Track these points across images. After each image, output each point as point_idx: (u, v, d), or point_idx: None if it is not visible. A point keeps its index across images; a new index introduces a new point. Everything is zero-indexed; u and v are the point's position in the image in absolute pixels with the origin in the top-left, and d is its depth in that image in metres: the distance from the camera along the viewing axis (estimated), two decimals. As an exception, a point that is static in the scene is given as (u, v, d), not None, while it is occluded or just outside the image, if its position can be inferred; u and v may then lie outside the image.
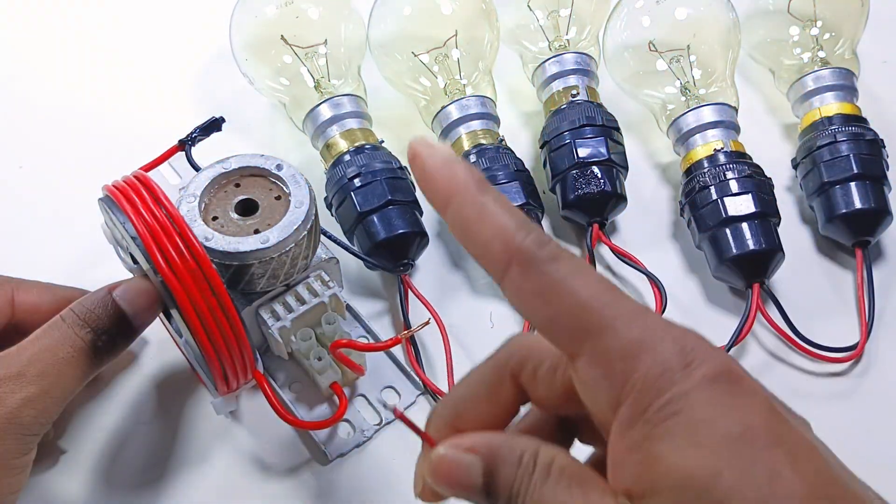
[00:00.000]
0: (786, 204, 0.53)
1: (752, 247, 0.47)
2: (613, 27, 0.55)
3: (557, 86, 0.54)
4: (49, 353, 0.36)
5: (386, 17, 0.55)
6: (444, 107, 0.52)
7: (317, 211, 0.41)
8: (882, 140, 0.50)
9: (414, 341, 0.47)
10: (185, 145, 0.47)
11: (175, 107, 0.59)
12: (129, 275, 0.42)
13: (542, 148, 0.52)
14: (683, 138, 0.51)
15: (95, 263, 0.50)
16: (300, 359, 0.44)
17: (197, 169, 0.46)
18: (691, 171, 0.50)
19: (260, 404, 0.44)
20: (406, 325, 0.47)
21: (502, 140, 0.52)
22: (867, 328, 0.47)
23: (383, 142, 0.52)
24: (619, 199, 0.50)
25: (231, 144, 0.48)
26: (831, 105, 0.52)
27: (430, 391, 0.45)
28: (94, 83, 0.61)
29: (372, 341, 0.47)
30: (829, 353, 0.47)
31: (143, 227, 0.36)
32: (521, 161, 0.51)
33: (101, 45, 0.63)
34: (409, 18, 0.55)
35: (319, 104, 0.52)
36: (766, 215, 0.48)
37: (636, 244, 0.51)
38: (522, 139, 0.57)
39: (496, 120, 0.53)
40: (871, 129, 0.51)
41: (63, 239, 0.51)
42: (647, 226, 0.53)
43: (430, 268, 0.51)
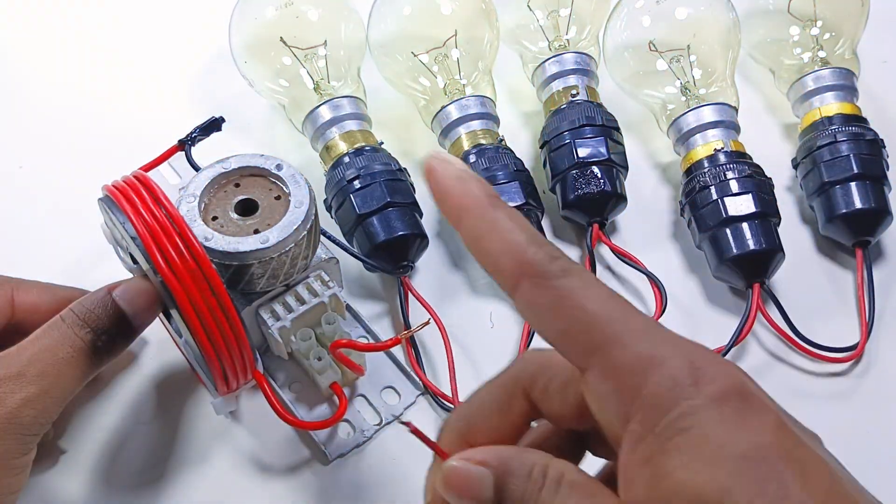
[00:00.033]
0: (786, 204, 0.53)
1: (752, 247, 0.47)
2: (613, 27, 0.55)
3: (557, 86, 0.54)
4: (49, 353, 0.36)
5: (385, 17, 0.55)
6: (443, 107, 0.52)
7: (317, 211, 0.41)
8: (882, 140, 0.50)
9: (414, 342, 0.47)
10: (184, 145, 0.47)
11: (175, 107, 0.59)
12: (129, 275, 0.42)
13: (541, 148, 0.52)
14: (683, 138, 0.51)
15: (95, 263, 0.50)
16: (300, 359, 0.44)
17: (197, 169, 0.46)
18: (691, 171, 0.50)
19: (260, 404, 0.44)
20: (406, 327, 0.47)
21: (502, 140, 0.52)
22: (867, 328, 0.47)
23: (383, 143, 0.52)
24: (619, 199, 0.50)
25: (231, 144, 0.48)
26: (831, 105, 0.52)
27: (430, 391, 0.45)
28: (94, 83, 0.61)
29: (372, 341, 0.47)
30: (829, 353, 0.47)
31: (142, 227, 0.36)
32: (520, 161, 0.51)
33: (101, 45, 0.63)
34: (408, 18, 0.55)
35: (319, 106, 0.52)
36: (767, 215, 0.48)
37: (636, 244, 0.51)
38: (522, 139, 0.57)
39: (496, 120, 0.53)
40: (871, 129, 0.51)
41: (63, 239, 0.51)
42: (647, 226, 0.53)
43: (429, 269, 0.51)
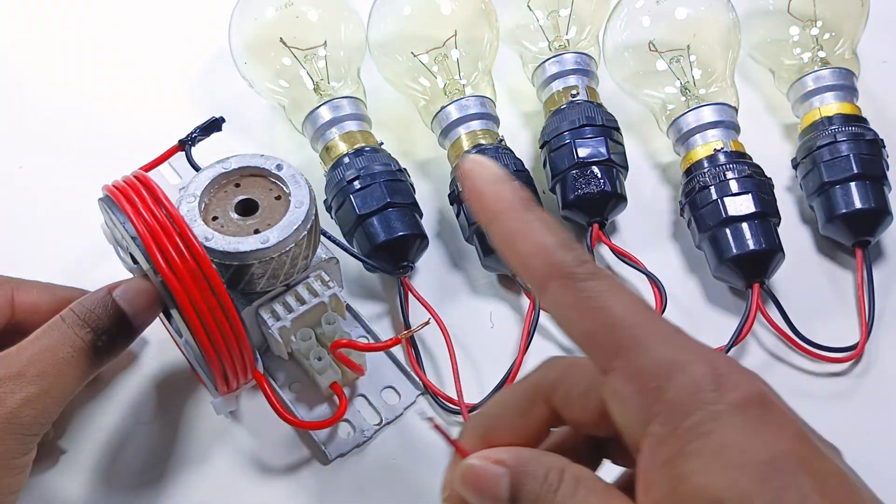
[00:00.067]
0: (786, 204, 0.53)
1: (752, 247, 0.47)
2: (613, 27, 0.55)
3: (557, 86, 0.54)
4: (49, 353, 0.36)
5: (385, 17, 0.55)
6: (443, 107, 0.52)
7: (317, 211, 0.41)
8: (882, 140, 0.50)
9: (414, 341, 0.47)
10: (185, 145, 0.47)
11: (175, 107, 0.59)
12: (129, 275, 0.42)
13: (541, 148, 0.52)
14: (683, 138, 0.51)
15: (95, 263, 0.50)
16: (300, 359, 0.44)
17: (197, 169, 0.46)
18: (691, 171, 0.50)
19: (260, 404, 0.44)
20: (406, 327, 0.47)
21: (502, 140, 0.52)
22: (867, 328, 0.47)
23: (383, 144, 0.52)
24: (619, 199, 0.50)
25: (231, 145, 0.48)
26: (831, 105, 0.52)
27: (430, 391, 0.45)
28: (94, 83, 0.61)
29: (372, 341, 0.47)
30: (829, 353, 0.47)
31: (143, 227, 0.36)
32: (520, 161, 0.51)
33: (101, 45, 0.63)
34: (408, 18, 0.55)
35: (319, 106, 0.52)
36: (766, 215, 0.48)
37: (636, 244, 0.51)
38: (522, 139, 0.57)
39: (496, 120, 0.53)
40: (871, 129, 0.51)
41: (63, 239, 0.51)
42: (647, 226, 0.53)
43: (429, 269, 0.51)
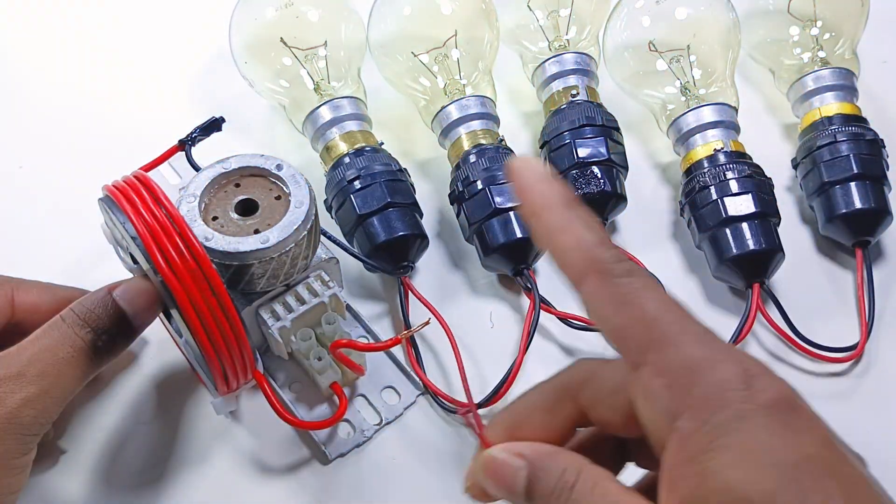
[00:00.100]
0: (786, 204, 0.53)
1: (752, 247, 0.47)
2: (613, 27, 0.55)
3: (557, 86, 0.54)
4: (49, 353, 0.36)
5: (386, 17, 0.55)
6: (443, 107, 0.52)
7: (317, 211, 0.41)
8: (882, 140, 0.50)
9: (414, 341, 0.47)
10: (185, 145, 0.47)
11: (175, 107, 0.59)
12: (129, 275, 0.42)
13: (542, 148, 0.52)
14: (683, 138, 0.51)
15: (95, 263, 0.50)
16: (300, 359, 0.44)
17: (197, 169, 0.46)
18: (691, 171, 0.50)
19: (260, 404, 0.44)
20: (406, 327, 0.47)
21: (502, 140, 0.52)
22: (867, 328, 0.47)
23: (383, 144, 0.52)
24: (619, 199, 0.50)
25: (231, 145, 0.48)
26: (831, 105, 0.52)
27: (430, 391, 0.45)
28: (94, 83, 0.61)
29: (372, 341, 0.47)
30: (829, 353, 0.47)
31: (143, 227, 0.36)
32: (521, 161, 0.51)
33: (101, 45, 0.63)
34: (408, 18, 0.55)
35: (319, 106, 0.52)
36: (766, 215, 0.48)
37: (636, 244, 0.51)
38: (522, 139, 0.57)
39: (496, 120, 0.53)
40: (871, 129, 0.51)
41: (63, 239, 0.51)
42: (647, 226, 0.53)
43: (429, 269, 0.51)
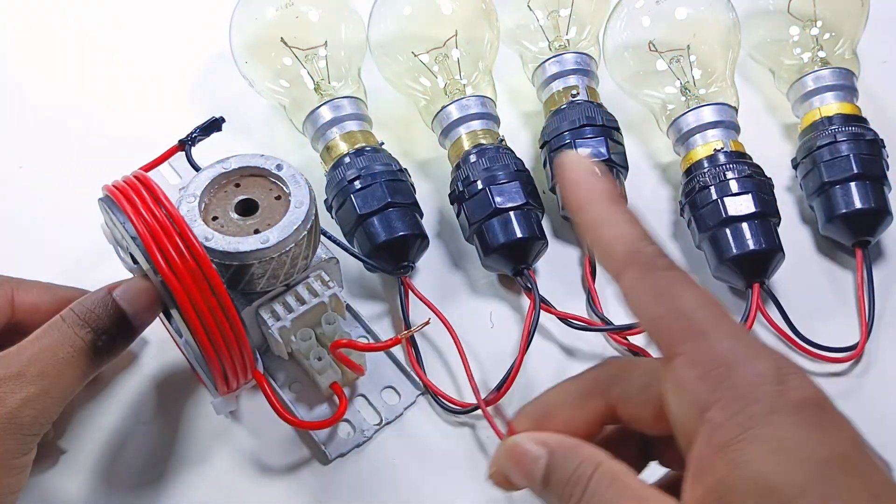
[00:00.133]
0: (786, 204, 0.53)
1: (752, 247, 0.47)
2: (613, 27, 0.55)
3: (557, 86, 0.54)
4: (49, 353, 0.36)
5: (386, 17, 0.55)
6: (444, 107, 0.52)
7: (317, 211, 0.41)
8: (882, 140, 0.50)
9: (414, 341, 0.47)
10: (185, 145, 0.47)
11: (175, 107, 0.59)
12: (129, 275, 0.42)
13: (542, 148, 0.52)
14: (683, 138, 0.51)
15: (95, 263, 0.50)
16: (300, 359, 0.44)
17: (197, 169, 0.46)
18: (691, 171, 0.50)
19: (260, 404, 0.44)
20: (406, 327, 0.47)
21: (502, 140, 0.52)
22: (867, 328, 0.47)
23: (383, 144, 0.52)
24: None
25: (231, 145, 0.48)
26: (831, 105, 0.52)
27: (430, 391, 0.45)
28: (94, 83, 0.61)
29: (372, 341, 0.47)
30: (829, 353, 0.47)
31: (143, 227, 0.36)
32: (521, 161, 0.51)
33: (101, 45, 0.63)
34: (409, 18, 0.55)
35: (319, 106, 0.52)
36: (766, 215, 0.48)
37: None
38: (522, 139, 0.57)
39: (496, 120, 0.53)
40: (871, 129, 0.51)
41: (63, 239, 0.51)
42: (647, 226, 0.53)
43: (430, 269, 0.51)
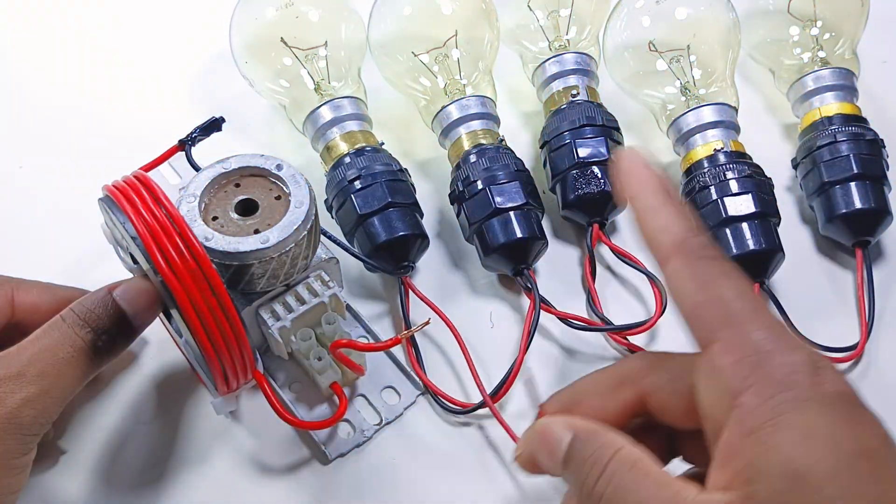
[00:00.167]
0: (786, 204, 0.53)
1: (752, 247, 0.47)
2: (613, 27, 0.55)
3: (557, 86, 0.54)
4: (49, 353, 0.36)
5: (386, 17, 0.55)
6: (444, 107, 0.52)
7: (317, 211, 0.41)
8: (882, 140, 0.50)
9: (414, 341, 0.47)
10: (185, 145, 0.47)
11: (175, 107, 0.59)
12: (129, 275, 0.42)
13: (542, 148, 0.52)
14: (683, 138, 0.51)
15: (95, 263, 0.50)
16: (300, 359, 0.44)
17: (197, 169, 0.46)
18: (691, 171, 0.50)
19: (260, 404, 0.44)
20: (406, 327, 0.47)
21: (502, 140, 0.52)
22: (867, 328, 0.47)
23: (383, 144, 0.52)
24: (620, 199, 0.50)
25: (231, 145, 0.48)
26: (831, 105, 0.52)
27: (430, 391, 0.45)
28: (94, 83, 0.61)
29: (372, 341, 0.47)
30: (829, 353, 0.47)
31: (143, 227, 0.36)
32: (521, 161, 0.51)
33: (101, 45, 0.63)
34: (409, 18, 0.55)
35: (319, 106, 0.52)
36: (766, 215, 0.48)
37: (636, 244, 0.51)
38: (522, 139, 0.57)
39: (496, 120, 0.53)
40: (871, 129, 0.51)
41: (63, 239, 0.51)
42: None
43: (430, 269, 0.51)
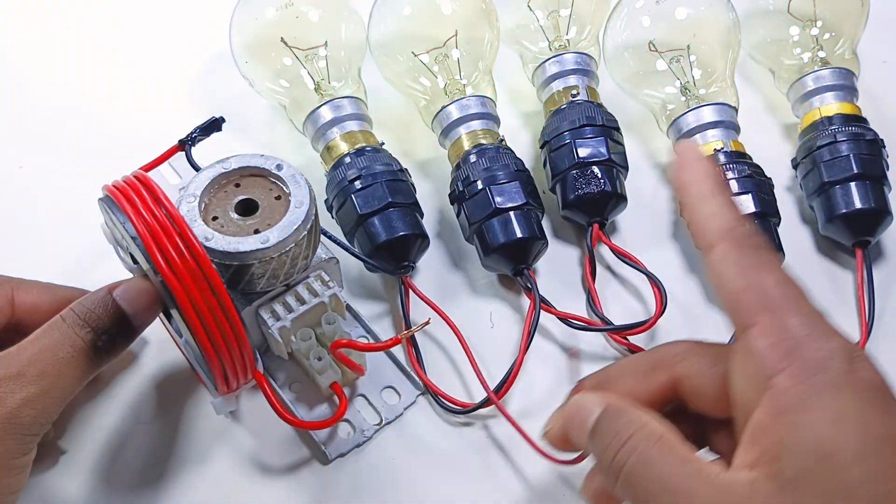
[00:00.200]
0: (786, 204, 0.53)
1: (752, 247, 0.47)
2: (613, 27, 0.55)
3: (557, 86, 0.54)
4: (49, 353, 0.36)
5: (386, 17, 0.55)
6: (444, 107, 0.52)
7: (317, 211, 0.41)
8: (882, 140, 0.50)
9: (414, 341, 0.47)
10: (185, 145, 0.47)
11: (175, 107, 0.59)
12: (129, 275, 0.42)
13: (542, 148, 0.52)
14: (683, 138, 0.51)
15: (95, 263, 0.50)
16: (300, 359, 0.44)
17: (197, 169, 0.46)
18: (691, 171, 0.50)
19: (260, 404, 0.44)
20: (406, 327, 0.47)
21: (502, 140, 0.52)
22: (867, 328, 0.47)
23: (384, 144, 0.52)
24: (619, 199, 0.50)
25: (231, 145, 0.48)
26: (831, 105, 0.52)
27: (430, 391, 0.45)
28: (94, 83, 0.61)
29: (372, 341, 0.47)
30: (829, 353, 0.47)
31: (143, 227, 0.36)
32: (521, 161, 0.51)
33: (101, 45, 0.63)
34: (409, 18, 0.55)
35: (320, 106, 0.52)
36: (766, 215, 0.48)
37: (636, 244, 0.51)
38: (522, 139, 0.57)
39: (496, 120, 0.53)
40: (871, 129, 0.51)
41: (63, 239, 0.51)
42: (647, 226, 0.53)
43: (430, 269, 0.51)
